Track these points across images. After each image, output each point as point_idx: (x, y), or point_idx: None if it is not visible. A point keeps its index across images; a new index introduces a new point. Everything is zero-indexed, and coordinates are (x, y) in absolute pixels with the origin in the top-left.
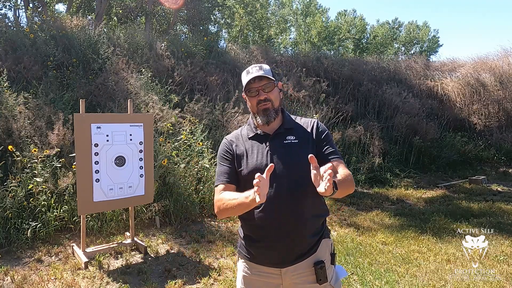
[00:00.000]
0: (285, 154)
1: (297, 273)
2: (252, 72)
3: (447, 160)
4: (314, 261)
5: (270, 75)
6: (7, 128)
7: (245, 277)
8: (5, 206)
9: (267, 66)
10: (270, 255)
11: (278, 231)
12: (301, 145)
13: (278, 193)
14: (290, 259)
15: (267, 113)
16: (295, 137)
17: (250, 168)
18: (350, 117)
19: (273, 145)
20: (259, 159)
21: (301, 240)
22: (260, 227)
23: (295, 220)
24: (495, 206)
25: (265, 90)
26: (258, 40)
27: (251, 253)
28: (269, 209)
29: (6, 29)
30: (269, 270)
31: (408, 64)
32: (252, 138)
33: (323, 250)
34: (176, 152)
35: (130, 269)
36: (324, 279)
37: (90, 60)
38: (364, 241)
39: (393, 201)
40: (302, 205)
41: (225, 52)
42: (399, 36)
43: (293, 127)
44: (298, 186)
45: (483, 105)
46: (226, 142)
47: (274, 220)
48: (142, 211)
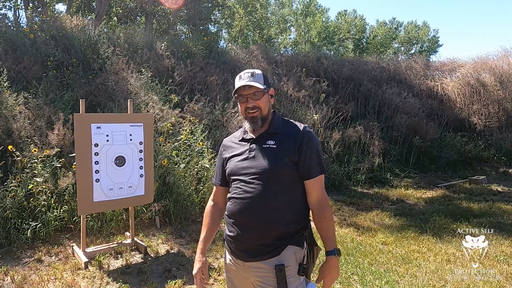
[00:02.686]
0: (260, 158)
1: (259, 272)
2: (243, 79)
3: (447, 160)
4: (275, 263)
5: (261, 83)
6: (7, 128)
7: (225, 264)
8: (5, 206)
9: (259, 73)
10: (236, 247)
11: (243, 226)
12: (280, 151)
13: (248, 192)
14: (251, 255)
15: (254, 121)
16: (275, 142)
17: (230, 169)
18: (350, 117)
19: (253, 148)
20: (238, 161)
21: (264, 239)
22: (231, 219)
23: (260, 221)
24: (495, 206)
25: (253, 98)
26: (258, 40)
27: (226, 242)
28: (239, 206)
29: (6, 29)
30: (237, 261)
31: (408, 64)
32: (241, 141)
33: (288, 256)
34: (176, 152)
35: (130, 269)
36: (283, 285)
37: (90, 60)
38: (364, 241)
39: (393, 201)
40: (270, 208)
41: (225, 52)
42: (399, 36)
43: (278, 132)
44: (269, 189)
45: (483, 105)
46: (222, 144)
47: (241, 216)
48: (142, 211)
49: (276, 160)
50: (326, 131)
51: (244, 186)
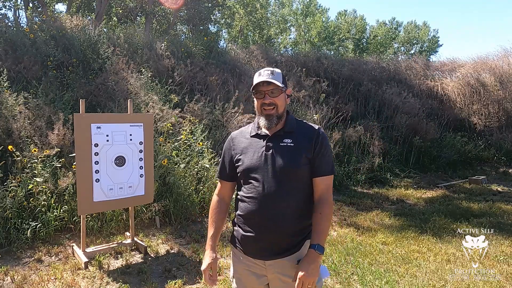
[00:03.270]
0: (279, 156)
1: (280, 268)
2: (262, 75)
3: (447, 160)
4: (298, 258)
5: (280, 81)
6: (7, 128)
7: (235, 265)
8: (5, 206)
9: (279, 72)
10: (255, 247)
11: (263, 226)
12: (296, 150)
13: (267, 191)
14: (273, 253)
15: (269, 119)
16: (292, 140)
17: (245, 166)
18: (350, 117)
19: (269, 146)
20: (254, 159)
21: (283, 237)
22: (249, 220)
23: (278, 217)
24: (495, 206)
25: (271, 94)
26: (258, 40)
27: (240, 242)
28: (256, 203)
29: (6, 29)
30: (255, 261)
31: (408, 64)
32: (253, 137)
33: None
34: (176, 152)
35: (130, 269)
36: None
37: (90, 60)
38: (364, 241)
39: (393, 201)
40: (287, 204)
41: (225, 52)
42: (399, 36)
43: (294, 131)
44: (286, 187)
45: (483, 105)
46: (229, 139)
47: (260, 216)
48: (142, 211)
49: (294, 159)
50: (326, 131)
51: (262, 185)
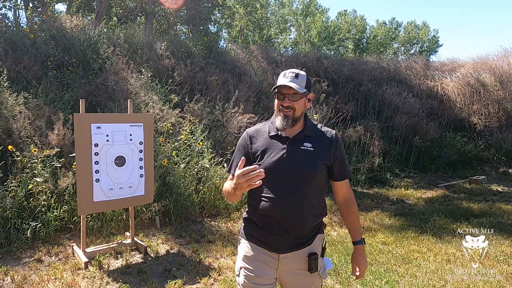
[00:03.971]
0: (299, 159)
1: (292, 261)
2: (286, 77)
3: (447, 160)
4: (309, 252)
5: (303, 85)
6: (7, 128)
7: (246, 257)
8: (5, 206)
9: (303, 74)
10: (271, 240)
11: (280, 223)
12: (316, 154)
13: (286, 191)
14: (288, 247)
15: (286, 120)
16: (312, 145)
17: (266, 165)
18: (350, 117)
19: (291, 149)
20: (275, 159)
21: (300, 233)
22: (266, 217)
23: (297, 216)
24: (495, 206)
25: (291, 98)
26: (258, 40)
27: (254, 236)
28: (276, 203)
29: (6, 29)
30: (270, 254)
31: (408, 64)
32: (273, 137)
33: (317, 244)
34: (176, 152)
35: (130, 269)
36: (315, 269)
37: (90, 60)
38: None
39: (393, 201)
40: (305, 205)
41: (225, 52)
42: (399, 36)
43: (313, 135)
44: (304, 188)
45: (483, 105)
46: (245, 136)
47: (278, 214)
48: (142, 211)
49: (314, 163)
50: None
51: (282, 186)
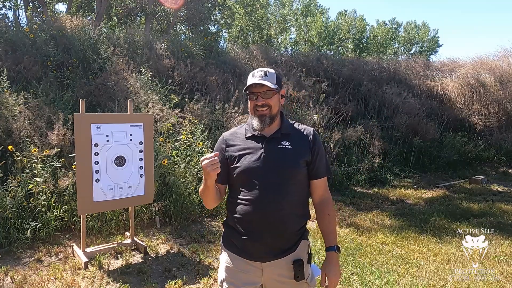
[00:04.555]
0: (278, 158)
1: (276, 269)
2: (256, 77)
3: (447, 160)
4: (293, 259)
5: (273, 82)
6: (7, 128)
7: (227, 268)
8: (5, 206)
9: (272, 72)
10: (251, 247)
11: (262, 227)
12: (295, 152)
13: (265, 191)
14: (271, 254)
15: (262, 119)
16: (290, 143)
17: (244, 167)
18: (350, 117)
19: (268, 148)
20: (252, 160)
21: (282, 238)
22: (246, 221)
23: (279, 219)
24: (495, 206)
25: (264, 96)
26: (258, 40)
27: (235, 245)
28: (256, 205)
29: (6, 29)
30: (251, 263)
31: (408, 64)
32: (249, 138)
33: (302, 250)
34: (176, 152)
35: (130, 269)
36: (302, 277)
37: (90, 60)
38: (364, 241)
39: (393, 201)
40: (286, 206)
41: (225, 52)
42: (399, 36)
43: (290, 133)
44: (285, 187)
45: (483, 105)
46: (221, 140)
47: (259, 215)
48: (142, 211)
49: (293, 161)
50: (326, 131)
51: (262, 187)
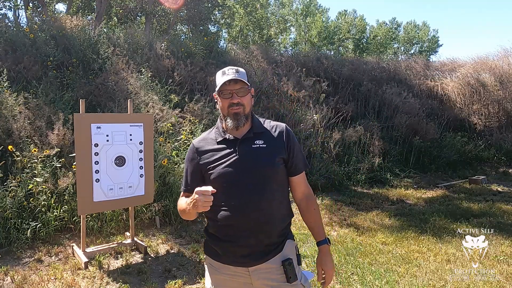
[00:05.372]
0: (252, 159)
1: (265, 273)
2: (228, 74)
3: (447, 160)
4: (282, 259)
5: (245, 80)
6: (7, 128)
7: (213, 277)
8: (5, 206)
9: (243, 70)
10: (235, 253)
11: (242, 230)
12: (270, 150)
13: (244, 194)
14: (254, 259)
15: (237, 118)
16: (264, 141)
17: (218, 173)
18: (350, 117)
19: (242, 150)
20: (227, 165)
21: (265, 239)
22: (226, 226)
23: (259, 220)
24: (495, 206)
25: (239, 94)
26: (258, 40)
27: (218, 252)
28: (234, 209)
29: (6, 29)
30: (237, 269)
31: (408, 64)
32: (221, 143)
33: (289, 249)
34: (176, 152)
35: (130, 269)
36: (294, 277)
37: (90, 60)
38: (364, 241)
39: (393, 201)
40: (266, 206)
41: (225, 52)
42: (399, 36)
43: (263, 131)
44: (263, 187)
45: (483, 105)
46: (192, 148)
47: (239, 220)
48: (142, 211)
49: (269, 160)
50: (326, 131)
51: (240, 190)
